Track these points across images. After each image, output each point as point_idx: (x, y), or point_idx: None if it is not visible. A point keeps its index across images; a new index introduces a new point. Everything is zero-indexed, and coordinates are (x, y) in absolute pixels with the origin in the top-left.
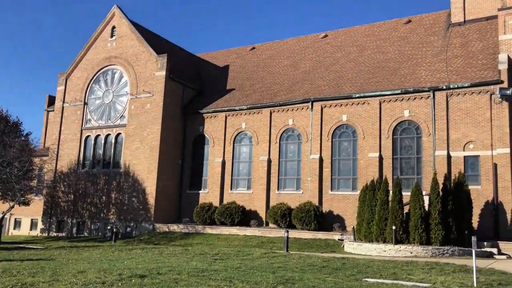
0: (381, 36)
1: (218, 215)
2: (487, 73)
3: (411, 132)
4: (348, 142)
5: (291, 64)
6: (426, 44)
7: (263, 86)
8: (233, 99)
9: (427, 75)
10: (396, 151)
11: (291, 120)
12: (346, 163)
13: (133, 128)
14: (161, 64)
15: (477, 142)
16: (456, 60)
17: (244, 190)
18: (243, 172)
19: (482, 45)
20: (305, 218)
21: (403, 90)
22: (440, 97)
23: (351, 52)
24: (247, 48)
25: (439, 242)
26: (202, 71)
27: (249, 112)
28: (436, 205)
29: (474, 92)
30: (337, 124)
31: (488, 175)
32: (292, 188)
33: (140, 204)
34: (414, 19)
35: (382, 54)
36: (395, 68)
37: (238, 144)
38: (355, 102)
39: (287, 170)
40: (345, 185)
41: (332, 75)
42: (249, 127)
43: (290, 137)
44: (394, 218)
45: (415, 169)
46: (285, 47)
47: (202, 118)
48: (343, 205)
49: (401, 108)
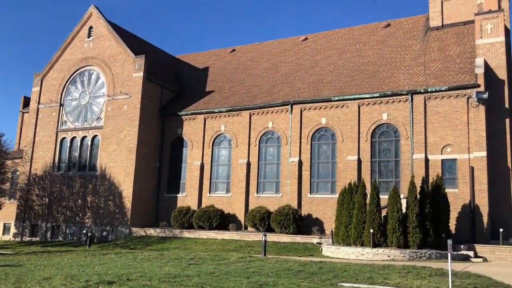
0: (360, 40)
1: (196, 219)
2: (464, 77)
3: (389, 135)
4: (327, 145)
5: (271, 67)
6: (405, 48)
7: (243, 89)
8: (213, 101)
9: (406, 79)
10: (374, 154)
11: (271, 123)
12: (325, 166)
13: (110, 130)
14: (138, 65)
15: (455, 145)
16: (434, 64)
17: (223, 193)
18: (222, 175)
19: (460, 49)
20: (284, 221)
21: (382, 93)
22: (418, 100)
23: (331, 55)
24: (227, 50)
25: (417, 246)
26: (182, 73)
27: (229, 114)
28: (413, 208)
29: (451, 96)
30: (316, 127)
31: (465, 178)
32: (271, 192)
33: (117, 208)
34: (393, 23)
35: (361, 58)
36: (374, 72)
37: (217, 147)
38: (334, 105)
39: (267, 173)
40: (324, 188)
41: (311, 78)
42: (229, 130)
43: (269, 140)
44: (372, 222)
45: (393, 172)
46: (265, 50)
47: (180, 120)
48: (322, 208)
49: (379, 111)
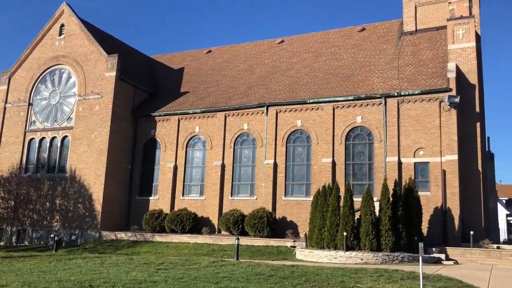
0: (336, 43)
1: (168, 222)
2: (436, 81)
3: (363, 138)
4: (302, 147)
5: (247, 68)
6: (379, 52)
7: (218, 90)
8: (187, 102)
9: (380, 82)
10: (349, 156)
11: (246, 124)
12: (300, 169)
13: (81, 130)
14: (111, 65)
15: (427, 148)
16: (408, 68)
17: (197, 196)
18: (195, 177)
19: (432, 54)
20: (258, 224)
21: (356, 96)
22: (391, 104)
23: (307, 58)
24: (203, 51)
25: (389, 249)
26: (156, 73)
27: (203, 115)
28: (386, 211)
29: (424, 100)
30: (291, 129)
31: (437, 181)
32: (246, 194)
33: (86, 211)
34: (368, 27)
35: (336, 61)
36: (349, 75)
37: (191, 149)
38: (310, 107)
39: (241, 176)
40: (298, 190)
41: (287, 80)
42: (203, 131)
43: (245, 142)
44: (345, 224)
45: (367, 175)
46: (242, 51)
47: (154, 121)
48: (297, 211)
49: (354, 114)
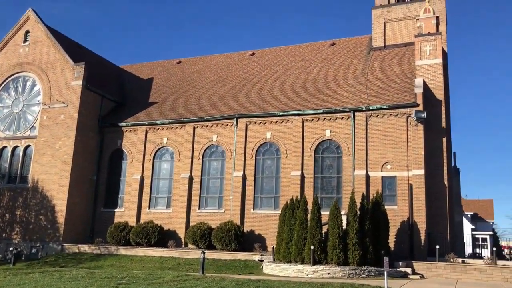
0: (306, 57)
1: (133, 235)
2: (404, 96)
3: (332, 152)
4: (271, 160)
5: (217, 80)
6: (349, 67)
7: (188, 101)
8: (155, 112)
9: (349, 96)
10: (317, 170)
11: (215, 136)
12: (269, 181)
13: (45, 140)
14: (78, 73)
15: (394, 162)
16: (376, 83)
17: (163, 209)
18: (162, 189)
19: (400, 70)
20: (225, 238)
21: (325, 110)
22: (360, 118)
23: (277, 71)
24: (173, 61)
25: (356, 263)
26: (125, 83)
27: (172, 126)
28: (353, 225)
29: (392, 114)
30: (261, 142)
31: (404, 195)
32: (214, 207)
33: (49, 223)
34: (338, 42)
35: (306, 74)
36: (318, 88)
37: (158, 160)
38: (279, 120)
39: (209, 188)
40: (267, 203)
41: (257, 93)
42: (171, 143)
43: (213, 154)
44: (312, 238)
45: (335, 188)
46: (212, 63)
47: (121, 132)
48: (265, 224)
49: (323, 127)
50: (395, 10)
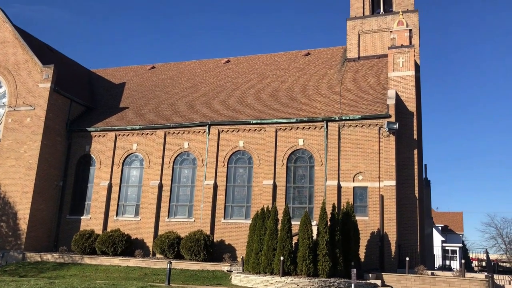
0: (281, 66)
1: (99, 244)
2: (376, 107)
3: (304, 161)
4: (243, 169)
5: (191, 86)
6: (323, 77)
7: (159, 107)
8: (126, 118)
9: (322, 106)
10: (290, 179)
11: (187, 143)
12: (241, 190)
13: (9, 143)
14: (46, 75)
15: (366, 173)
16: (350, 94)
17: (131, 217)
18: (131, 197)
19: (374, 81)
20: (194, 248)
21: (299, 119)
22: (333, 128)
23: (252, 79)
24: (146, 67)
25: (326, 274)
26: (96, 87)
27: (142, 132)
28: (324, 236)
29: (364, 125)
30: (233, 150)
31: (375, 206)
32: (184, 216)
33: (10, 230)
34: (313, 52)
35: (281, 83)
36: (292, 97)
37: (127, 167)
38: (252, 128)
39: (179, 196)
40: (238, 213)
41: (231, 100)
42: (141, 149)
43: (184, 161)
44: (282, 249)
45: (307, 198)
46: (187, 69)
47: (89, 137)
48: (235, 234)
49: (296, 136)
50: (369, 22)
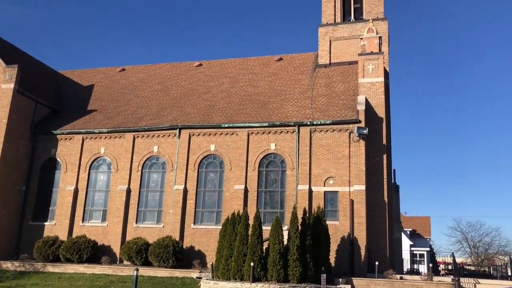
0: (253, 70)
1: (63, 251)
2: (347, 113)
3: (276, 166)
4: (214, 173)
5: (161, 89)
6: (295, 82)
7: (129, 109)
8: (94, 121)
9: (294, 111)
10: (261, 184)
11: (157, 147)
12: (212, 195)
13: None
14: (9, 76)
15: (337, 178)
16: (321, 99)
17: (98, 222)
18: (98, 202)
19: (344, 87)
20: (162, 254)
21: (271, 123)
22: (304, 132)
23: (224, 82)
24: (116, 69)
25: (297, 279)
26: (63, 89)
27: (110, 136)
28: (294, 241)
29: (335, 130)
30: (204, 154)
31: (345, 211)
32: (152, 221)
33: None
34: (285, 58)
35: (253, 88)
36: (265, 102)
37: (95, 171)
38: (224, 132)
39: (148, 202)
40: (209, 218)
41: (203, 104)
42: (109, 153)
43: (154, 166)
44: (252, 254)
45: (279, 203)
46: (158, 72)
47: (55, 140)
48: (206, 240)
49: (268, 141)
50: (340, 29)
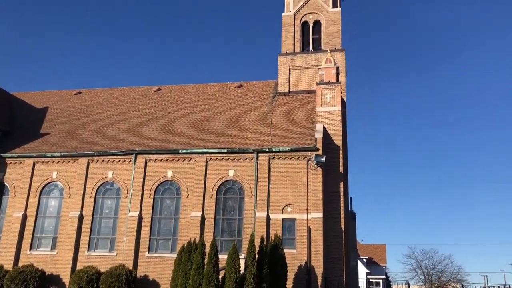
0: (213, 96)
1: (8, 281)
2: (305, 140)
3: (235, 192)
4: (171, 200)
5: (118, 113)
6: (254, 109)
7: (84, 133)
8: (46, 144)
9: (253, 137)
10: (219, 211)
11: (111, 172)
12: (168, 223)
13: None
14: None
15: (295, 205)
16: (280, 126)
17: (47, 250)
18: (48, 229)
19: (303, 115)
20: (115, 284)
21: (230, 149)
22: (263, 159)
23: (183, 108)
24: (72, 92)
25: None
26: (16, 111)
27: (63, 160)
28: (251, 269)
29: (293, 157)
30: (161, 180)
31: (303, 238)
32: (105, 249)
33: None
34: (245, 85)
35: (212, 114)
36: (224, 128)
37: (45, 196)
38: (182, 158)
39: (101, 229)
40: (164, 246)
41: (161, 129)
42: (62, 178)
43: (108, 191)
44: (208, 284)
45: (236, 231)
46: (115, 96)
47: (4, 164)
48: (160, 269)
49: (226, 167)
50: (299, 58)
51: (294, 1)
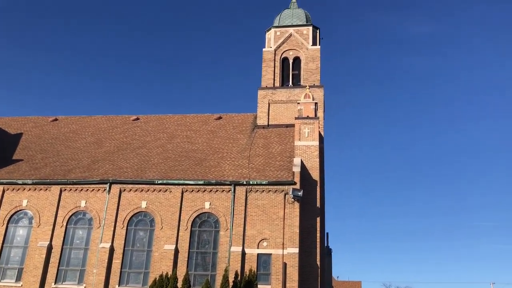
0: (192, 127)
1: None
2: (283, 174)
3: (210, 225)
4: (144, 232)
5: (94, 142)
6: (233, 141)
7: (58, 161)
8: (18, 171)
9: (231, 169)
10: (193, 244)
11: (84, 201)
12: (140, 255)
13: None
14: None
15: (271, 240)
16: (258, 159)
17: (12, 282)
18: (14, 259)
19: (281, 148)
20: None
21: (206, 181)
22: (240, 192)
23: (161, 138)
24: (48, 118)
25: None
26: None
27: (35, 188)
28: None
29: (270, 190)
30: (135, 211)
31: (278, 274)
32: (74, 282)
33: None
34: (224, 117)
35: (190, 144)
36: (201, 159)
37: (13, 225)
38: (157, 188)
39: (71, 260)
40: (135, 280)
41: (137, 159)
42: (32, 206)
43: (80, 221)
44: None
45: (210, 265)
46: (92, 124)
47: None
48: None
49: (202, 199)
50: (279, 93)
51: (275, 37)
